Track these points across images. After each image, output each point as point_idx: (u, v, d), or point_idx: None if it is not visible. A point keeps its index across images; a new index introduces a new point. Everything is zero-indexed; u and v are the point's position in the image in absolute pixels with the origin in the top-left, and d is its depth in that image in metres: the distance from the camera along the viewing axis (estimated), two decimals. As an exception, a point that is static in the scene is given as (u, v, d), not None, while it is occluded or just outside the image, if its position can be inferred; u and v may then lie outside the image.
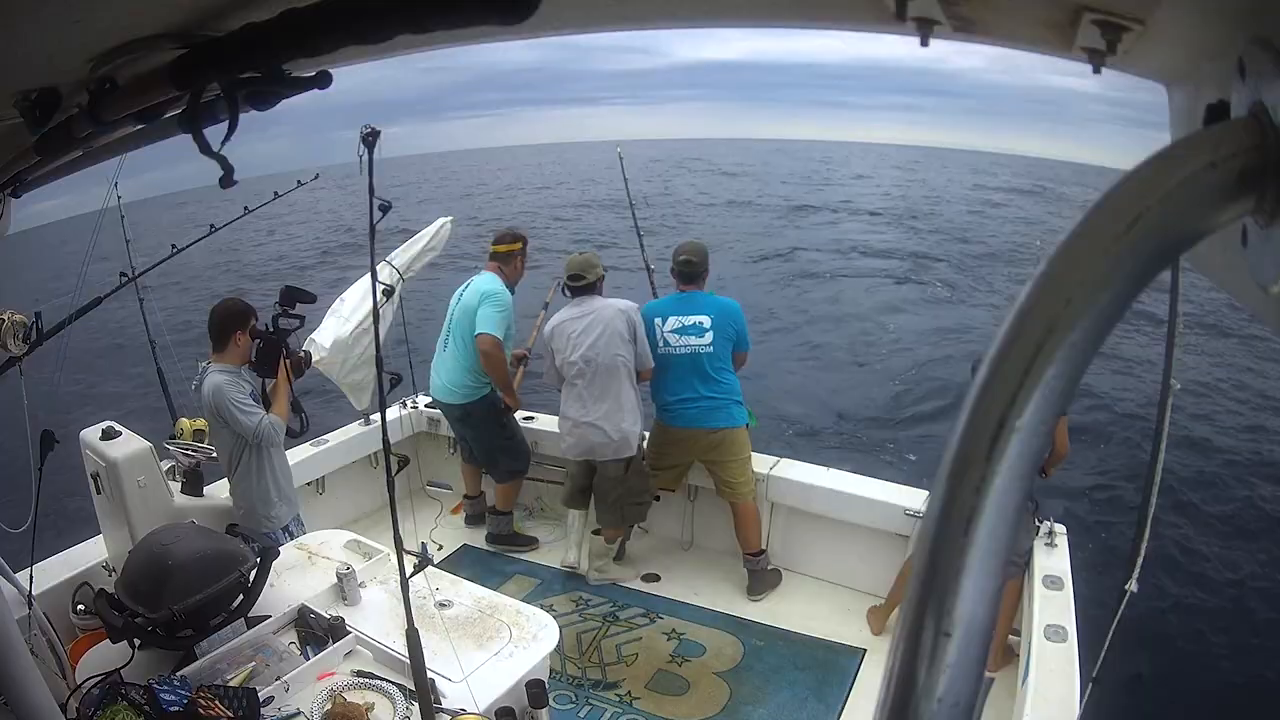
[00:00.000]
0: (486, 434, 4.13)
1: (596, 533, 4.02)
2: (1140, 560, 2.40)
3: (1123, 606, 2.37)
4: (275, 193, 3.96)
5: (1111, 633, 2.35)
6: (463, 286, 4.01)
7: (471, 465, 4.35)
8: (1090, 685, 2.39)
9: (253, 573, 2.33)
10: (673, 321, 3.67)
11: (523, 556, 4.17)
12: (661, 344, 3.69)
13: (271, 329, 2.99)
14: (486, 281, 3.90)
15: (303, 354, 3.15)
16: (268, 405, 3.00)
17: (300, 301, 3.01)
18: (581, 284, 3.67)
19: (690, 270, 3.69)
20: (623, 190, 4.84)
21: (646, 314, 3.75)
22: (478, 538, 4.33)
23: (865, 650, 3.42)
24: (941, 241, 21.03)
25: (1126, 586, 2.39)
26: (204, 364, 2.98)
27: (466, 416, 4.07)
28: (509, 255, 3.98)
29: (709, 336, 3.62)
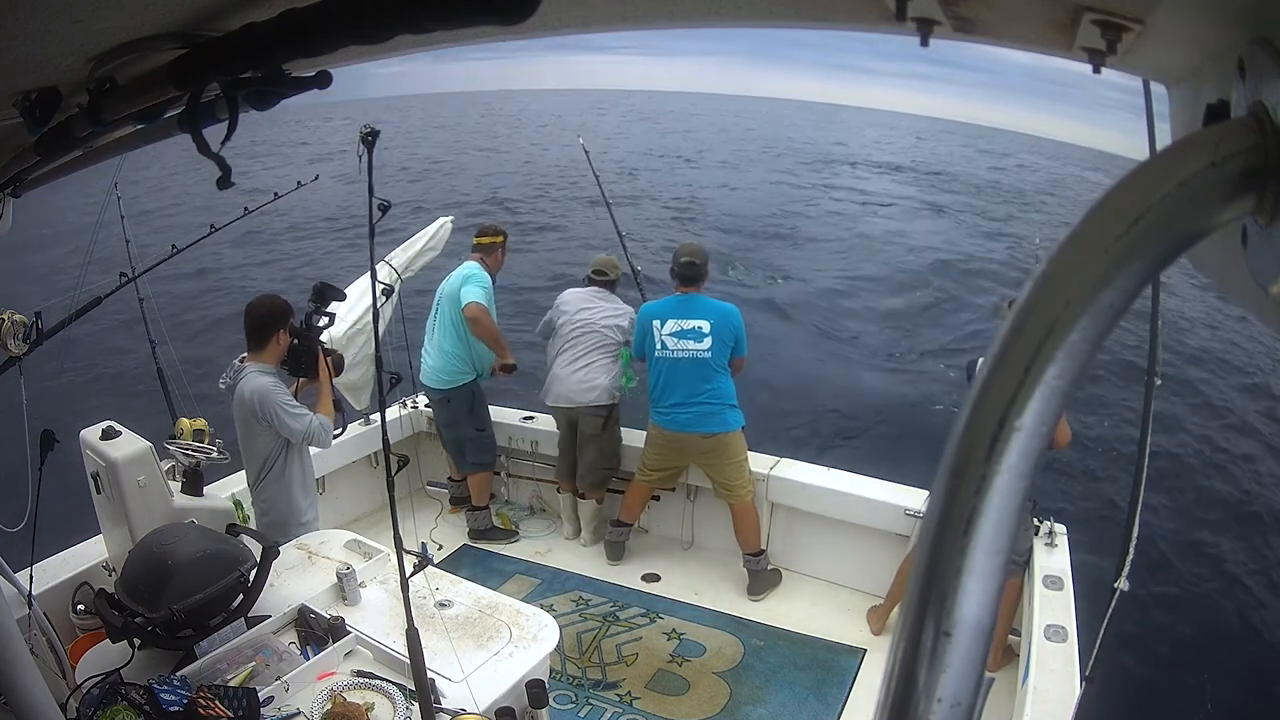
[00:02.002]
0: (459, 422, 4.21)
1: (583, 496, 4.18)
2: (1129, 559, 2.41)
3: (1113, 605, 2.37)
4: (275, 193, 3.97)
5: (1103, 632, 2.36)
6: (449, 276, 4.11)
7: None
8: (1084, 684, 2.39)
9: (253, 573, 2.33)
10: (671, 325, 3.66)
11: (523, 557, 4.17)
12: (659, 346, 3.68)
13: (305, 327, 2.93)
14: (469, 267, 4.05)
15: (339, 352, 3.10)
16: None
17: (333, 299, 2.96)
18: (603, 279, 4.07)
19: (692, 272, 3.69)
20: (603, 195, 4.81)
21: (644, 315, 3.76)
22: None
23: (865, 650, 3.42)
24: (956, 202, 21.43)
25: (1116, 585, 2.39)
26: (237, 362, 2.90)
27: (445, 402, 4.18)
28: (491, 247, 4.13)
29: (708, 342, 3.61)
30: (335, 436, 3.05)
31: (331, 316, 2.99)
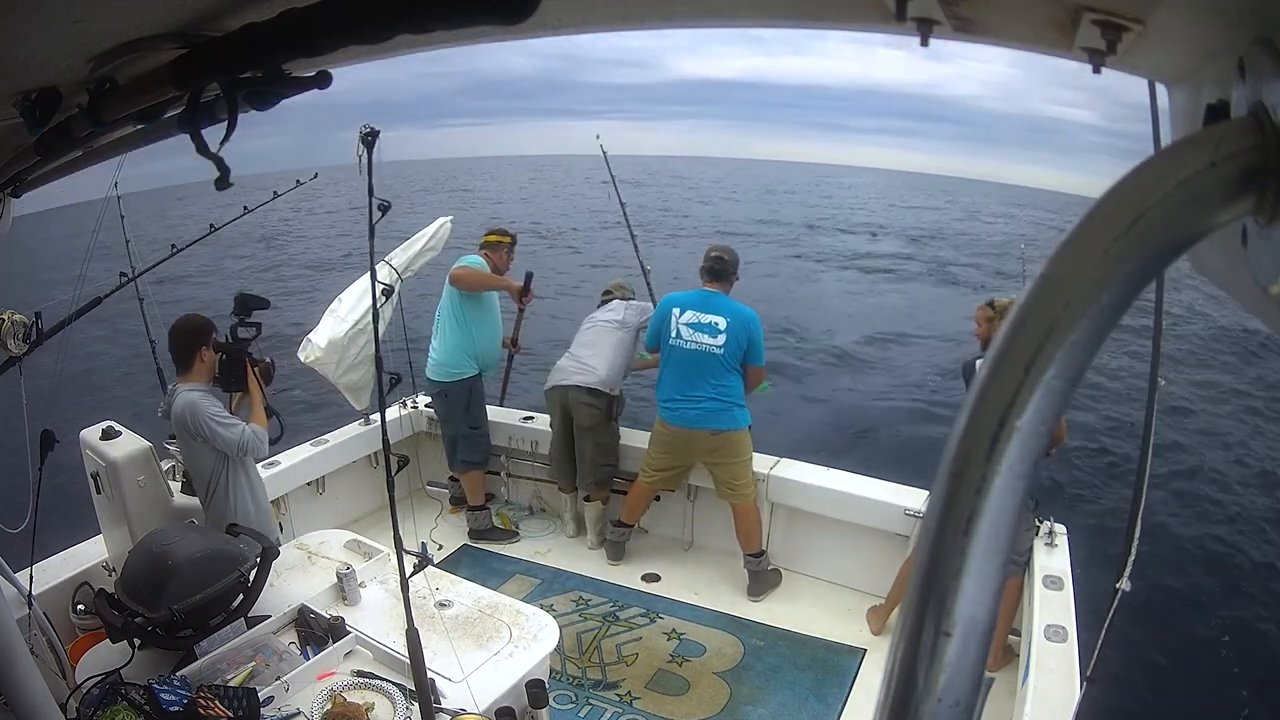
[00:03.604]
0: (453, 418, 4.21)
1: (588, 499, 4.16)
2: (1131, 559, 2.41)
3: (1114, 605, 2.37)
4: (275, 192, 3.97)
5: (1104, 632, 2.36)
6: None
7: None
8: (1085, 684, 2.39)
9: (253, 573, 2.33)
10: (689, 316, 3.67)
11: (523, 557, 4.17)
12: (673, 335, 3.69)
13: (230, 340, 2.86)
14: (468, 257, 4.10)
15: (268, 360, 3.01)
16: None
17: (256, 308, 2.90)
18: (609, 297, 4.30)
19: (719, 267, 3.70)
20: (616, 193, 4.83)
21: (665, 303, 3.79)
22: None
23: (865, 650, 3.42)
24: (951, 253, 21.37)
25: (1118, 585, 2.40)
26: (171, 386, 2.85)
27: (443, 395, 4.19)
28: (497, 245, 4.18)
29: (722, 339, 3.61)
30: (273, 443, 2.99)
31: (258, 326, 2.91)
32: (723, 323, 3.62)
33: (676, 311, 3.69)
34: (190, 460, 2.86)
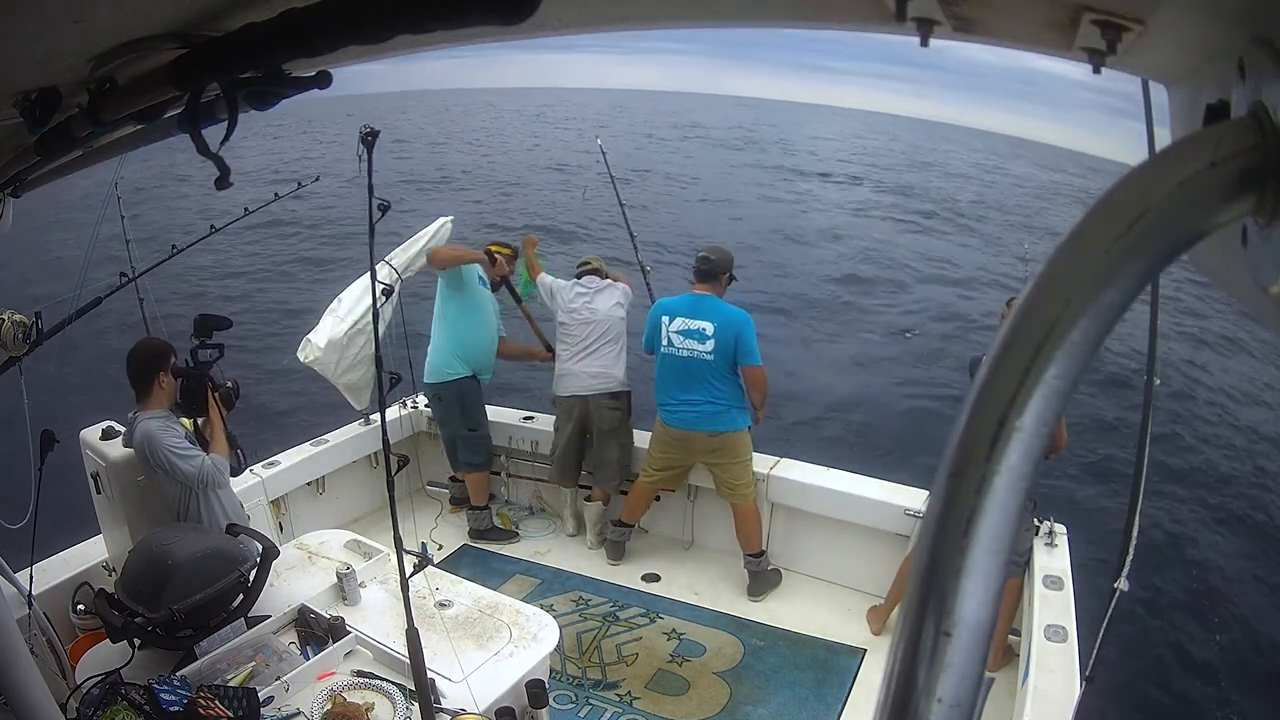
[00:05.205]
0: (450, 420, 4.21)
1: (589, 498, 4.16)
2: (1129, 559, 2.41)
3: (1113, 605, 2.38)
4: (275, 194, 3.97)
5: (1103, 631, 2.36)
6: None
7: None
8: (1085, 684, 2.39)
9: (253, 573, 2.33)
10: (679, 323, 3.68)
11: (523, 557, 4.17)
12: (664, 343, 3.69)
13: (191, 363, 2.78)
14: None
15: (229, 384, 2.91)
16: (204, 445, 2.76)
17: (216, 329, 2.82)
18: (588, 269, 4.16)
19: (705, 267, 3.70)
20: (616, 193, 4.81)
21: (656, 311, 3.79)
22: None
23: (865, 650, 3.42)
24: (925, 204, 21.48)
25: (1116, 585, 2.40)
26: (131, 414, 2.75)
27: (437, 399, 4.19)
28: (493, 255, 4.19)
29: (710, 344, 3.61)
30: (237, 472, 2.90)
31: (220, 347, 2.83)
32: (710, 328, 3.61)
33: (666, 320, 3.69)
34: (159, 490, 2.73)
